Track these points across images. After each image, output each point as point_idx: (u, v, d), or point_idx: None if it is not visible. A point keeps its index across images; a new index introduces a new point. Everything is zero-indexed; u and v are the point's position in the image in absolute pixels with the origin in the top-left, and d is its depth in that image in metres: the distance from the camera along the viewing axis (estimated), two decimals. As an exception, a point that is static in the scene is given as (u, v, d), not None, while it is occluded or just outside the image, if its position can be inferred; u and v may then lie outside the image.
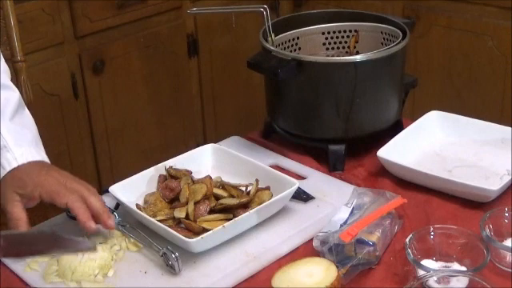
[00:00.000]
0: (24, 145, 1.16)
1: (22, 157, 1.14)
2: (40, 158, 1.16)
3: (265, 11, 1.37)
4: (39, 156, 1.17)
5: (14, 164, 1.13)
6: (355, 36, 1.49)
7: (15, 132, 1.17)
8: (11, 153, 1.14)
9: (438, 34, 2.56)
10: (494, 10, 2.40)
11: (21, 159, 1.14)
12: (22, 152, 1.15)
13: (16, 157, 1.14)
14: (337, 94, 1.32)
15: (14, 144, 1.15)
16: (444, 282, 0.99)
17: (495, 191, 1.19)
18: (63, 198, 1.09)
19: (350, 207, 1.14)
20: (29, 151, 1.16)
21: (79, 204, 1.08)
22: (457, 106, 1.62)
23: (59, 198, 1.09)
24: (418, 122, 1.40)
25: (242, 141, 1.46)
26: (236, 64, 2.67)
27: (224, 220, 1.13)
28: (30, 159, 1.14)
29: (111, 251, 1.11)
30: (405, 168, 1.27)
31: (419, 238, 1.07)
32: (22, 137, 1.17)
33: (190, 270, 1.08)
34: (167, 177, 1.25)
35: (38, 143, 1.20)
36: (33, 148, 1.17)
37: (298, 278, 1.00)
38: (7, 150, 1.14)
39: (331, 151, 1.35)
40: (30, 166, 1.14)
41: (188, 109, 2.68)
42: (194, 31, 2.60)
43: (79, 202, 1.09)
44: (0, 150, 1.14)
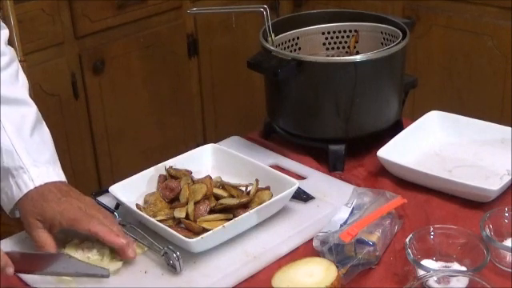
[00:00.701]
0: (41, 165, 1.14)
1: (38, 178, 1.12)
2: (57, 179, 1.14)
3: (265, 11, 1.37)
4: (56, 176, 1.15)
5: (30, 186, 1.12)
6: (355, 36, 1.49)
7: (33, 151, 1.15)
8: (28, 174, 1.12)
9: (438, 34, 2.56)
10: (494, 10, 2.40)
11: (37, 181, 1.12)
12: (38, 173, 1.13)
13: (33, 178, 1.12)
14: (337, 94, 1.32)
15: (31, 164, 1.13)
16: (444, 282, 0.99)
17: (495, 191, 1.19)
18: (85, 225, 1.07)
19: (350, 207, 1.14)
20: (46, 172, 1.14)
21: (101, 226, 1.07)
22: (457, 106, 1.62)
23: (81, 224, 1.08)
24: (418, 122, 1.40)
25: (242, 141, 1.46)
26: (236, 64, 2.67)
27: (224, 220, 1.13)
28: (46, 180, 1.13)
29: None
30: (405, 168, 1.27)
31: (419, 238, 1.07)
32: (40, 156, 1.15)
33: (190, 270, 1.08)
34: (167, 177, 1.25)
35: (55, 161, 1.18)
36: (50, 167, 1.15)
37: (297, 278, 1.00)
38: (24, 171, 1.12)
39: (331, 151, 1.35)
40: (48, 188, 1.12)
41: (188, 109, 2.68)
42: (194, 31, 2.60)
43: (101, 225, 1.07)
44: (17, 170, 1.13)
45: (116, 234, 1.08)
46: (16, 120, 1.16)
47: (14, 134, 1.15)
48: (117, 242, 1.07)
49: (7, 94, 1.17)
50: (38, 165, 1.14)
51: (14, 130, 1.15)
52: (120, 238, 1.07)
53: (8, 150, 1.14)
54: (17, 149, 1.14)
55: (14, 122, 1.16)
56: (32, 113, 1.20)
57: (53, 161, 1.17)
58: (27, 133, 1.16)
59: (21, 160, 1.13)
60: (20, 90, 1.21)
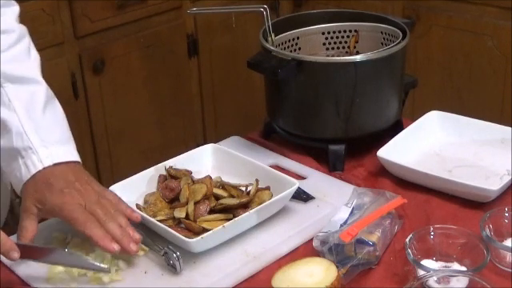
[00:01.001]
0: (50, 145, 1.12)
1: (47, 159, 1.10)
2: (69, 158, 1.12)
3: (265, 11, 1.37)
4: (68, 155, 1.12)
5: (39, 166, 1.10)
6: (355, 36, 1.49)
7: (42, 131, 1.13)
8: (36, 155, 1.10)
9: (437, 34, 2.56)
10: (494, 10, 2.41)
11: (46, 161, 1.10)
12: (48, 153, 1.11)
13: (41, 159, 1.10)
14: (337, 94, 1.32)
15: (40, 144, 1.11)
16: (444, 282, 0.99)
17: (495, 191, 1.19)
18: (80, 226, 1.06)
19: (350, 207, 1.14)
20: (56, 152, 1.12)
21: (96, 230, 1.05)
22: (457, 106, 1.62)
23: (76, 225, 1.06)
24: (418, 122, 1.40)
25: (242, 141, 1.46)
26: (236, 64, 2.67)
27: (224, 220, 1.13)
28: (56, 161, 1.11)
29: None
30: (405, 168, 1.27)
31: (419, 238, 1.07)
32: (50, 135, 1.13)
33: (190, 270, 1.08)
34: (167, 177, 1.25)
35: (67, 140, 1.15)
36: (61, 147, 1.13)
37: (298, 278, 1.00)
38: (33, 152, 1.11)
39: (331, 151, 1.35)
40: (56, 171, 1.10)
41: (188, 109, 2.68)
42: (193, 31, 2.60)
43: (97, 228, 1.05)
44: (26, 150, 1.11)
45: (110, 240, 1.05)
46: (26, 99, 1.14)
47: (23, 114, 1.13)
48: (109, 249, 1.05)
49: (15, 73, 1.15)
50: (47, 145, 1.11)
51: (23, 109, 1.13)
52: (113, 244, 1.04)
53: (18, 131, 1.12)
54: (26, 129, 1.12)
55: (24, 101, 1.14)
56: (42, 91, 1.17)
57: (64, 140, 1.15)
58: (38, 112, 1.14)
59: (29, 140, 1.11)
60: (29, 68, 1.18)
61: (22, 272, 1.09)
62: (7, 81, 1.14)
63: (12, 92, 1.14)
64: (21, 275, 1.09)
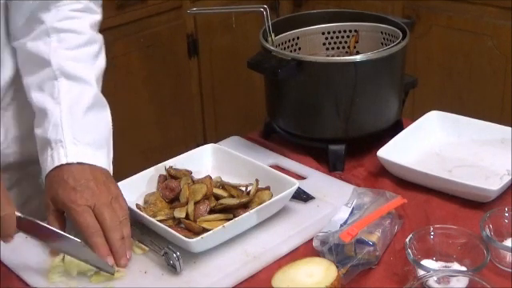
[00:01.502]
0: (80, 144, 1.12)
1: (72, 156, 1.11)
2: (92, 162, 1.12)
3: (265, 11, 1.37)
4: (93, 159, 1.12)
5: (62, 161, 1.10)
6: (355, 36, 1.49)
7: (78, 129, 1.13)
8: (64, 149, 1.11)
9: (437, 34, 2.57)
10: (494, 10, 2.41)
11: (71, 158, 1.10)
12: (75, 151, 1.11)
13: (67, 154, 1.10)
14: (337, 94, 1.32)
15: (71, 141, 1.12)
16: (444, 282, 0.99)
17: (495, 191, 1.19)
18: (82, 231, 1.06)
19: (350, 207, 1.14)
20: (84, 152, 1.12)
21: (96, 238, 1.06)
22: (457, 106, 1.62)
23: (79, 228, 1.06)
24: (418, 122, 1.40)
25: (242, 141, 1.46)
26: (236, 64, 2.67)
27: (224, 220, 1.13)
28: (80, 160, 1.11)
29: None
30: (405, 168, 1.27)
31: (419, 238, 1.07)
32: (84, 136, 1.13)
33: (190, 270, 1.08)
34: (167, 177, 1.25)
35: (101, 146, 1.15)
36: (90, 149, 1.13)
37: (298, 278, 1.00)
38: (62, 146, 1.11)
39: (331, 151, 1.35)
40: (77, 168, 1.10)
41: (188, 109, 2.68)
42: (193, 31, 2.60)
43: (97, 237, 1.06)
44: (56, 143, 1.11)
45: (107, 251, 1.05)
46: (73, 96, 1.16)
47: (66, 109, 1.14)
48: (103, 260, 1.05)
49: (73, 71, 1.17)
50: (78, 144, 1.12)
51: (68, 104, 1.14)
52: (108, 258, 1.05)
53: (55, 123, 1.13)
54: (63, 123, 1.13)
55: (71, 98, 1.15)
56: (91, 93, 1.18)
57: (98, 145, 1.15)
58: (80, 111, 1.15)
59: (63, 134, 1.12)
60: (87, 70, 1.19)
61: (22, 272, 1.09)
62: (63, 76, 1.16)
63: (63, 87, 1.16)
64: (21, 275, 1.08)
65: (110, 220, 1.07)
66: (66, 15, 1.20)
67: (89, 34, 1.22)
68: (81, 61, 1.19)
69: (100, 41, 1.25)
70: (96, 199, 1.08)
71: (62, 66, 1.17)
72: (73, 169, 1.10)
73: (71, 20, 1.20)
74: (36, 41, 1.18)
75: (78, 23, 1.20)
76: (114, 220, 1.08)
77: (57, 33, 1.18)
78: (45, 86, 1.17)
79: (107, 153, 1.17)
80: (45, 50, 1.17)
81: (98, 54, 1.24)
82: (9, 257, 1.12)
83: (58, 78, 1.16)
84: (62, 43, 1.18)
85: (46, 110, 1.15)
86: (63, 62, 1.17)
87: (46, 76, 1.17)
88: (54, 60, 1.17)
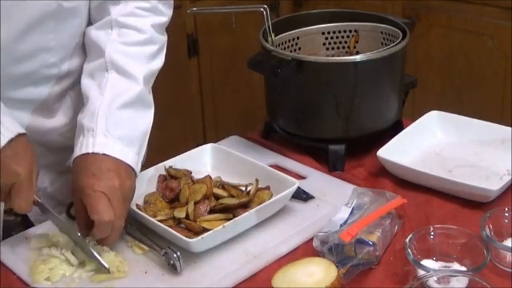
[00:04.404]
0: (111, 137, 1.12)
1: (100, 146, 1.11)
2: (118, 156, 1.11)
3: (265, 11, 1.37)
4: (120, 153, 1.12)
5: (89, 149, 1.10)
6: (355, 36, 1.50)
7: (112, 122, 1.13)
8: (94, 138, 1.11)
9: (437, 34, 2.57)
10: (494, 10, 2.41)
11: (97, 148, 1.10)
12: (104, 142, 1.11)
13: (95, 143, 1.11)
14: (337, 93, 1.32)
15: (102, 132, 1.12)
16: (444, 282, 0.99)
17: (495, 191, 1.19)
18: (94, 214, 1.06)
19: (350, 207, 1.14)
20: (112, 145, 1.12)
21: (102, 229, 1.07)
22: (457, 106, 1.62)
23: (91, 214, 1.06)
24: (418, 121, 1.40)
25: (242, 141, 1.46)
26: (236, 64, 2.67)
27: (224, 220, 1.13)
28: (105, 151, 1.10)
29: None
30: (405, 168, 1.27)
31: (419, 238, 1.07)
32: (116, 130, 1.13)
33: (190, 270, 1.08)
34: (167, 177, 1.25)
35: (131, 143, 1.15)
36: (119, 143, 1.12)
37: (297, 278, 1.00)
38: (92, 135, 1.11)
39: (331, 151, 1.35)
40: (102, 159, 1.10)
41: (188, 109, 2.68)
42: (193, 31, 2.60)
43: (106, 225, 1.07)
44: (88, 131, 1.12)
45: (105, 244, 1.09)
46: (118, 90, 1.16)
47: (107, 100, 1.15)
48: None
49: (125, 66, 1.18)
50: (108, 135, 1.12)
51: (110, 97, 1.15)
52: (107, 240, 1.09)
53: (93, 111, 1.14)
54: (99, 113, 1.13)
55: (115, 91, 1.16)
56: (135, 90, 1.18)
57: (128, 141, 1.14)
58: (119, 104, 1.15)
59: (96, 123, 1.12)
60: (138, 69, 1.20)
61: (22, 272, 1.09)
62: (114, 69, 1.17)
63: (112, 79, 1.17)
64: (21, 275, 1.08)
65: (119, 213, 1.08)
66: (131, 11, 1.21)
67: (149, 33, 1.23)
68: (134, 58, 1.20)
69: (160, 42, 1.26)
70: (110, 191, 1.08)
71: (114, 59, 1.18)
72: (98, 158, 1.10)
73: (135, 17, 1.21)
74: (99, 30, 1.20)
75: (140, 21, 1.22)
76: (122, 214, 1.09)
77: (119, 27, 1.20)
78: (95, 75, 1.18)
79: (138, 151, 1.16)
80: (103, 40, 1.19)
81: (156, 55, 1.25)
82: (9, 257, 1.12)
83: (108, 69, 1.17)
84: (121, 38, 1.20)
85: (90, 97, 1.16)
86: (116, 55, 1.18)
87: (99, 66, 1.18)
88: (108, 51, 1.18)
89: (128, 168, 1.13)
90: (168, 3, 1.28)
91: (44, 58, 1.17)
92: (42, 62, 1.17)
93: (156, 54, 1.25)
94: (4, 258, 1.11)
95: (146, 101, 1.22)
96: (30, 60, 1.15)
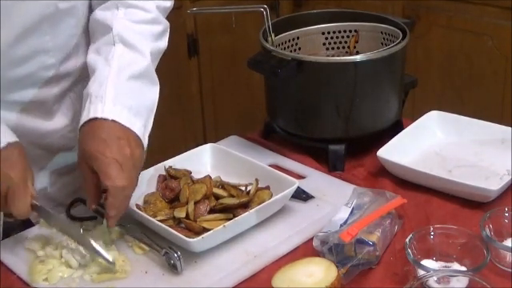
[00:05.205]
0: (119, 104, 1.11)
1: (108, 112, 1.10)
2: (126, 123, 1.11)
3: (265, 11, 1.37)
4: (127, 121, 1.11)
5: (98, 114, 1.09)
6: (355, 36, 1.50)
7: (120, 91, 1.13)
8: (102, 104, 1.10)
9: (437, 34, 2.57)
10: (494, 10, 2.41)
11: (106, 113, 1.09)
12: (112, 109, 1.10)
13: (104, 109, 1.10)
14: (337, 93, 1.32)
15: (111, 100, 1.11)
16: (444, 282, 0.99)
17: (495, 191, 1.19)
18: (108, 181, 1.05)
19: (350, 207, 1.14)
20: (120, 112, 1.11)
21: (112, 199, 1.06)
22: (457, 106, 1.62)
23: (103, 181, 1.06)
24: (418, 122, 1.40)
25: (242, 140, 1.46)
26: (236, 64, 2.67)
27: (224, 220, 1.13)
28: (113, 117, 1.10)
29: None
30: (405, 168, 1.27)
31: (419, 238, 1.07)
32: (124, 99, 1.13)
33: (190, 270, 1.08)
34: (167, 177, 1.25)
35: (138, 113, 1.14)
36: (126, 111, 1.12)
37: (297, 278, 1.00)
38: (100, 101, 1.10)
39: (331, 151, 1.35)
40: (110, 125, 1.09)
41: (188, 109, 2.68)
42: (194, 31, 2.60)
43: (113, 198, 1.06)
44: (96, 97, 1.11)
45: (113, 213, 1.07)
46: (125, 61, 1.16)
47: (114, 70, 1.14)
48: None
49: (132, 40, 1.18)
50: (117, 103, 1.11)
51: (117, 67, 1.15)
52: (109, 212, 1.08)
53: (101, 80, 1.13)
54: (108, 82, 1.13)
55: (122, 62, 1.16)
56: (143, 63, 1.18)
57: (136, 111, 1.14)
58: (126, 75, 1.15)
59: (105, 91, 1.11)
60: (145, 44, 1.20)
61: (22, 272, 1.09)
62: (121, 42, 1.17)
63: (118, 51, 1.17)
64: (21, 275, 1.08)
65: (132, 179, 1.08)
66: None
67: (155, 13, 1.23)
68: (141, 34, 1.20)
69: (165, 25, 1.26)
70: (122, 158, 1.07)
71: (122, 33, 1.18)
72: (106, 124, 1.10)
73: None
74: (105, 11, 1.21)
75: (145, 2, 1.22)
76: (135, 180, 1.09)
77: (124, 7, 1.21)
78: (102, 50, 1.18)
79: (144, 123, 1.16)
80: (110, 18, 1.19)
81: (161, 35, 1.25)
82: (9, 257, 1.12)
83: (115, 43, 1.17)
84: (128, 16, 1.20)
85: (96, 69, 1.16)
86: (123, 29, 1.18)
87: (106, 41, 1.18)
88: (115, 26, 1.18)
89: (136, 138, 1.12)
90: None
91: (42, 60, 1.17)
92: (40, 64, 1.17)
93: (161, 35, 1.25)
94: (4, 258, 1.12)
95: (152, 77, 1.21)
96: (28, 63, 1.16)
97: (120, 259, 1.09)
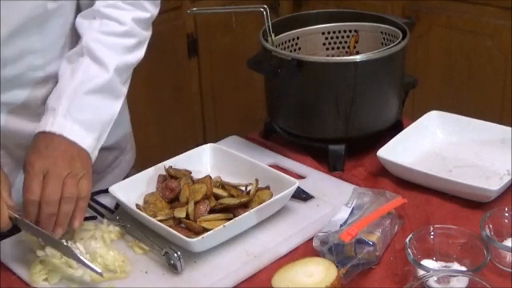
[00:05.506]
0: (70, 119, 1.12)
1: (58, 126, 1.10)
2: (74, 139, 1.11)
3: (265, 11, 1.37)
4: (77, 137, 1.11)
5: (47, 128, 1.10)
6: (355, 36, 1.50)
7: (75, 105, 1.13)
8: (53, 118, 1.11)
9: (437, 34, 2.56)
10: (494, 10, 2.41)
11: (55, 128, 1.10)
12: (62, 123, 1.11)
13: (54, 123, 1.11)
14: (337, 94, 1.32)
15: (63, 113, 1.12)
16: (444, 282, 0.99)
17: (495, 191, 1.19)
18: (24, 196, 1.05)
19: (350, 207, 1.14)
20: (70, 127, 1.11)
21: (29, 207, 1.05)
22: (457, 106, 1.62)
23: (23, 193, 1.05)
24: (418, 121, 1.40)
25: (241, 140, 1.46)
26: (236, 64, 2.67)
27: (224, 220, 1.13)
28: (63, 133, 1.10)
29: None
30: (405, 168, 1.27)
31: (419, 238, 1.07)
32: (77, 113, 1.13)
33: (190, 270, 1.08)
34: (167, 177, 1.25)
35: (90, 129, 1.14)
36: (78, 127, 1.12)
37: (297, 278, 1.01)
38: (53, 114, 1.12)
39: (331, 151, 1.35)
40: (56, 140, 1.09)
41: (188, 109, 2.68)
42: (193, 31, 2.60)
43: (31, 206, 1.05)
44: (51, 110, 1.12)
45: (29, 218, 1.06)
46: (88, 75, 1.17)
47: (75, 84, 1.15)
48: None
49: (98, 53, 1.18)
50: (68, 118, 1.12)
51: (79, 81, 1.16)
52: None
53: (59, 93, 1.14)
54: (64, 95, 1.14)
55: (85, 75, 1.16)
56: (104, 78, 1.18)
57: (89, 126, 1.14)
58: (85, 89, 1.15)
59: (60, 104, 1.12)
60: (112, 58, 1.20)
61: (22, 272, 1.09)
62: (88, 55, 1.18)
63: (84, 64, 1.17)
64: (21, 275, 1.08)
65: (49, 192, 1.05)
66: (114, 4, 1.22)
67: (129, 26, 1.23)
68: (109, 47, 1.20)
69: (141, 37, 1.26)
70: (52, 168, 1.07)
71: (90, 46, 1.18)
72: (52, 138, 1.10)
73: (117, 9, 1.22)
74: (83, 19, 1.22)
75: (121, 14, 1.22)
76: (54, 193, 1.06)
77: (100, 17, 1.21)
78: (72, 59, 1.19)
79: (96, 137, 1.16)
80: (85, 27, 1.20)
81: (134, 48, 1.25)
82: (9, 257, 1.12)
83: (84, 54, 1.18)
84: (101, 27, 1.20)
85: (61, 79, 1.17)
86: (92, 42, 1.19)
87: (77, 50, 1.19)
88: (85, 37, 1.19)
89: (82, 151, 1.12)
90: (154, 3, 1.29)
91: (29, 61, 1.17)
92: (28, 64, 1.17)
93: (134, 48, 1.25)
94: (4, 258, 1.12)
95: (115, 90, 1.21)
96: (15, 64, 1.16)
97: (120, 259, 1.09)
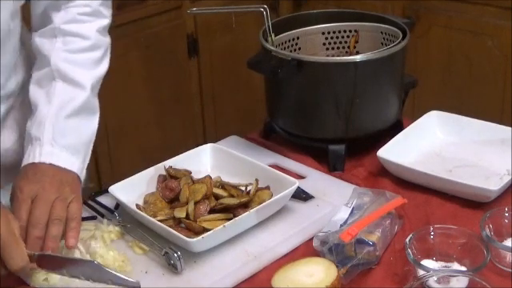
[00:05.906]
0: (57, 146, 1.13)
1: (46, 156, 1.12)
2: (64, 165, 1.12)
3: (265, 11, 1.37)
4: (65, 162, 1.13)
5: (36, 159, 1.11)
6: (355, 36, 1.50)
7: (58, 131, 1.14)
8: (40, 148, 1.12)
9: (437, 34, 2.56)
10: (494, 10, 2.41)
11: (44, 158, 1.11)
12: (49, 152, 1.12)
13: (42, 153, 1.12)
14: (337, 94, 1.32)
15: (48, 141, 1.13)
16: (444, 282, 0.99)
17: (495, 191, 1.19)
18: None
19: (349, 207, 1.14)
20: (58, 154, 1.13)
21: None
22: (457, 106, 1.62)
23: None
24: (418, 121, 1.40)
25: (241, 140, 1.46)
26: (236, 64, 2.67)
27: (224, 220, 1.13)
28: (52, 162, 1.12)
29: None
30: (405, 168, 1.27)
31: (419, 238, 1.07)
32: (62, 139, 1.14)
33: (190, 270, 1.08)
34: (167, 177, 1.25)
35: (76, 151, 1.16)
36: (65, 152, 1.14)
37: (297, 278, 1.01)
38: (39, 144, 1.13)
39: (331, 151, 1.35)
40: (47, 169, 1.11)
41: (188, 109, 2.68)
42: (193, 31, 2.60)
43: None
44: (36, 140, 1.13)
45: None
46: (64, 98, 1.17)
47: (54, 110, 1.16)
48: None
49: (71, 74, 1.18)
50: (54, 145, 1.13)
51: (58, 106, 1.16)
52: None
53: (40, 121, 1.15)
54: (46, 123, 1.14)
55: (62, 100, 1.17)
56: (82, 97, 1.19)
57: (74, 149, 1.15)
58: (65, 113, 1.16)
59: (43, 133, 1.13)
60: (84, 76, 1.20)
61: (22, 272, 1.09)
62: (61, 78, 1.18)
63: (59, 88, 1.18)
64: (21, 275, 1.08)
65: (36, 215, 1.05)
66: (73, 18, 1.21)
67: (94, 39, 1.23)
68: (80, 65, 1.21)
69: (105, 45, 1.26)
70: (40, 192, 1.07)
71: (60, 68, 1.18)
72: (41, 167, 1.11)
73: (78, 24, 1.22)
74: (43, 38, 1.21)
75: (84, 27, 1.22)
76: (41, 216, 1.05)
77: (62, 35, 1.20)
78: (43, 83, 1.19)
79: (83, 158, 1.18)
80: (48, 48, 1.20)
81: (101, 59, 1.25)
82: (9, 257, 1.12)
83: (55, 78, 1.18)
84: (66, 45, 1.20)
85: (38, 106, 1.17)
86: (61, 63, 1.19)
87: (46, 74, 1.19)
88: (53, 60, 1.19)
89: (71, 174, 1.13)
90: (107, 4, 1.28)
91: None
92: None
93: (101, 59, 1.25)
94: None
95: (91, 107, 1.22)
96: None
97: (120, 259, 1.09)
